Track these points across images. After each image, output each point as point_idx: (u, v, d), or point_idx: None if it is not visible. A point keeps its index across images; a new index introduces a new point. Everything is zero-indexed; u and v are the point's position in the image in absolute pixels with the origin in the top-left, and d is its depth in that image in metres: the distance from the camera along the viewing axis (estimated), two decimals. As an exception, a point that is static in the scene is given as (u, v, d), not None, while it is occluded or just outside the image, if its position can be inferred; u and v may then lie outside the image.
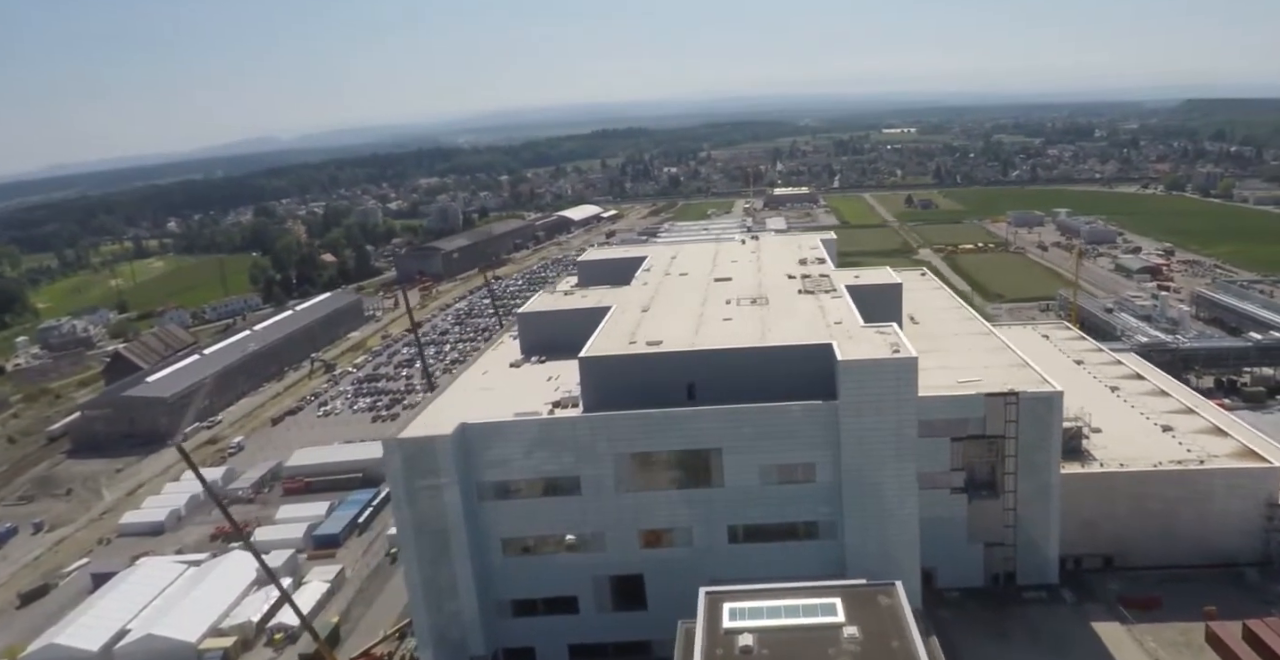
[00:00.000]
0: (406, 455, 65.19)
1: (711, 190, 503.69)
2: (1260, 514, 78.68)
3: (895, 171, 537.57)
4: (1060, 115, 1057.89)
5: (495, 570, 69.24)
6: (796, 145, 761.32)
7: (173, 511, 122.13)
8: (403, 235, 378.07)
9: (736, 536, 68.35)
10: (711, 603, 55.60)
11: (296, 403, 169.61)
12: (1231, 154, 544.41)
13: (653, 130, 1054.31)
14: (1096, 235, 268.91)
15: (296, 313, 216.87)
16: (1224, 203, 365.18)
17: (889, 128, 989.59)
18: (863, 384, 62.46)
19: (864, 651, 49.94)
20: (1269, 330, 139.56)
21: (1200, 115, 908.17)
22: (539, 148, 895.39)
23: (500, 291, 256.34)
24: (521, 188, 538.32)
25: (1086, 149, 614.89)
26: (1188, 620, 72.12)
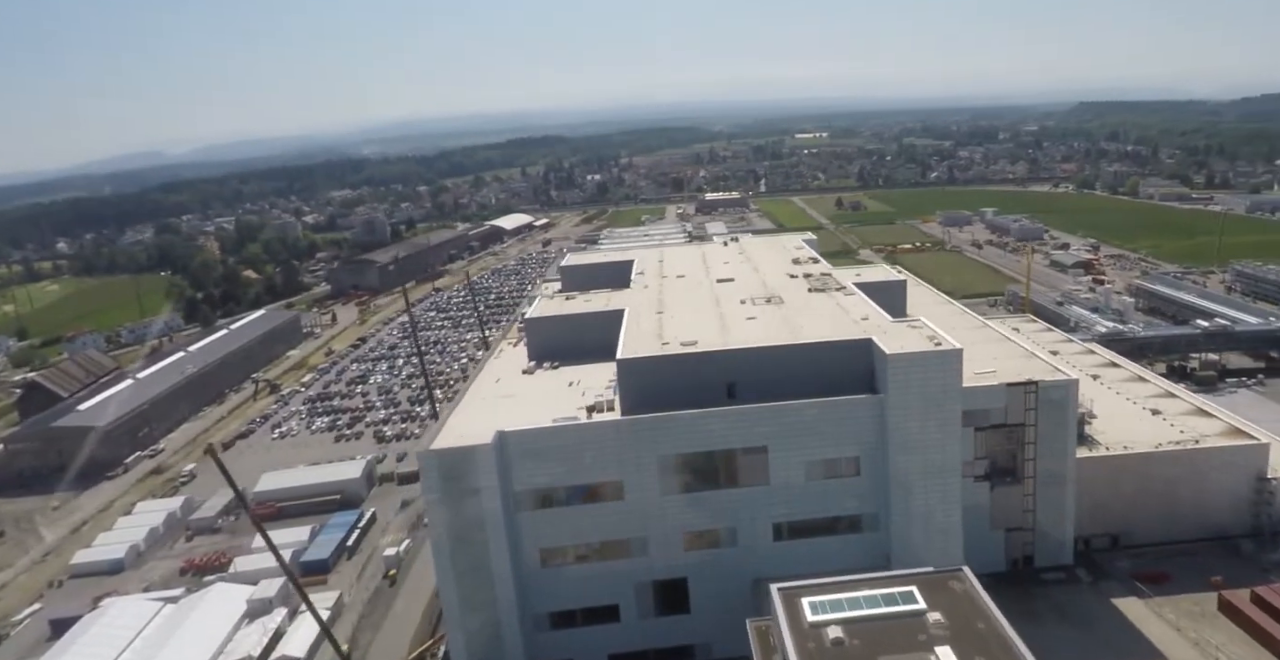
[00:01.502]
0: (443, 466, 63.62)
1: (640, 197, 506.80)
2: (1250, 488, 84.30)
3: (818, 175, 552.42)
4: (963, 119, 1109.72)
5: (532, 582, 68.13)
6: (715, 150, 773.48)
7: (132, 546, 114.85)
8: (326, 249, 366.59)
9: (781, 533, 69.14)
10: (787, 599, 55.79)
11: (246, 426, 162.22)
12: (1128, 153, 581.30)
13: (570, 138, 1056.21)
14: (1025, 233, 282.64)
15: (232, 332, 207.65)
16: (1131, 200, 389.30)
17: (802, 132, 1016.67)
18: (910, 376, 64.20)
19: (952, 636, 51.07)
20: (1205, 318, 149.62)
21: (1093, 117, 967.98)
22: (454, 157, 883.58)
23: (444, 303, 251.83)
24: (443, 198, 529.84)
25: (995, 151, 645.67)
26: (1197, 591, 76.98)
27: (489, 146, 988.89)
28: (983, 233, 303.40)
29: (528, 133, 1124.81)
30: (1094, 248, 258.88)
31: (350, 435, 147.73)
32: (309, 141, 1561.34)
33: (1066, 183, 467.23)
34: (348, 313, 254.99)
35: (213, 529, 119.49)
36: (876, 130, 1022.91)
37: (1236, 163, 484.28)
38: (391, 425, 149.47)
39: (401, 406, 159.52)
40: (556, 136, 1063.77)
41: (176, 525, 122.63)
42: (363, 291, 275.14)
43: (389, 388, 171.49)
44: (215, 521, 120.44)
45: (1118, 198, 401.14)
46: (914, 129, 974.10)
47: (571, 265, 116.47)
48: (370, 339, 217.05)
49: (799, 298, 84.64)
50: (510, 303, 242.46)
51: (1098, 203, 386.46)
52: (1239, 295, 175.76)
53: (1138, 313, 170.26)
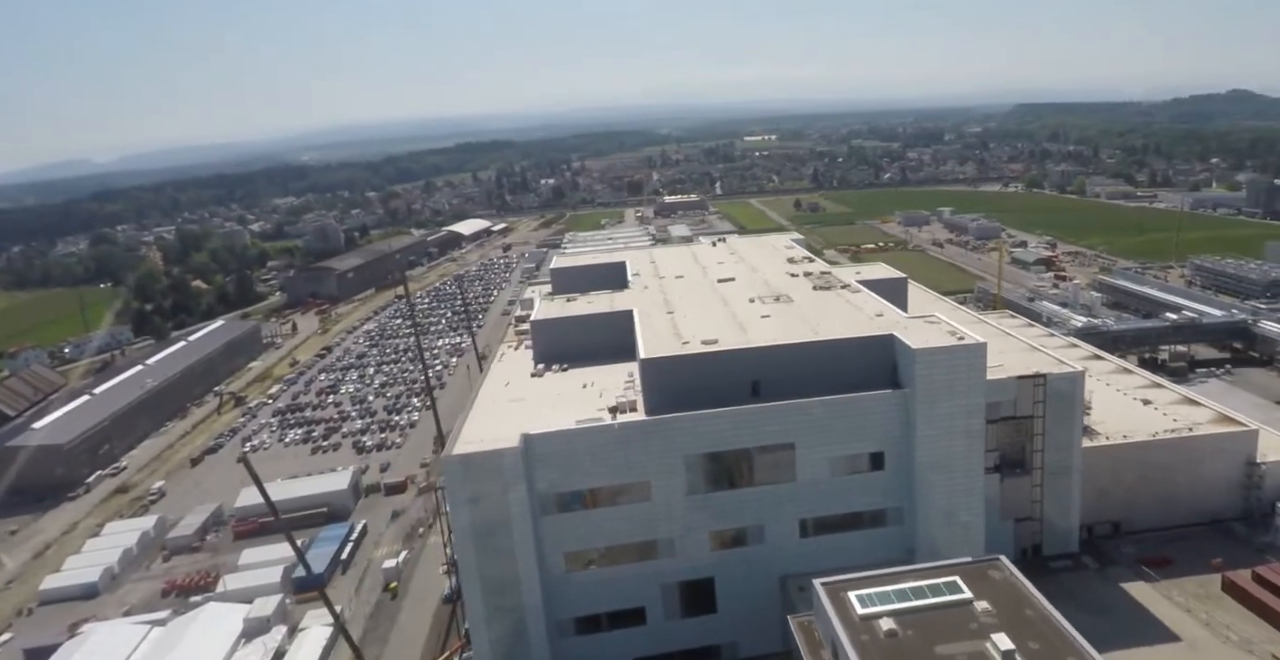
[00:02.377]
0: (469, 471, 62.76)
1: (597, 200, 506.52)
2: (1241, 473, 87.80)
3: (772, 177, 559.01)
4: (907, 120, 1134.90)
5: (557, 587, 67.54)
6: (666, 154, 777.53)
7: (106, 569, 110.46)
8: (278, 258, 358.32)
9: (807, 530, 69.77)
10: (832, 593, 56.41)
11: (213, 440, 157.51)
12: (1071, 153, 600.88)
13: (519, 142, 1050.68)
14: (983, 231, 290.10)
15: (190, 344, 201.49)
16: (1080, 198, 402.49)
17: (750, 135, 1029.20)
18: (935, 371, 65.40)
19: (1003, 623, 52.20)
20: (1170, 311, 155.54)
21: (1032, 118, 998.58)
22: (401, 162, 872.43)
23: (406, 310, 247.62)
24: (395, 204, 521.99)
25: (943, 152, 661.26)
26: (1199, 573, 79.91)
27: (436, 151, 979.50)
28: (942, 232, 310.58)
29: (474, 137, 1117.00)
30: (1051, 245, 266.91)
31: (327, 447, 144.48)
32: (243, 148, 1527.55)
33: (1016, 182, 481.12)
34: (308, 322, 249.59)
35: (192, 548, 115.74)
36: (824, 132, 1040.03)
37: (1174, 161, 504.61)
38: (370, 435, 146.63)
39: (378, 416, 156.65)
40: (505, 141, 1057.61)
41: (151, 545, 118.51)
42: (322, 300, 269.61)
43: (362, 397, 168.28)
44: (194, 540, 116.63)
45: (1066, 196, 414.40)
46: (861, 131, 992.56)
47: (562, 267, 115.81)
48: (336, 348, 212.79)
49: (806, 296, 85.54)
50: (478, 308, 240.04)
51: (1048, 202, 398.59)
52: (1199, 289, 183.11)
53: (1104, 308, 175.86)
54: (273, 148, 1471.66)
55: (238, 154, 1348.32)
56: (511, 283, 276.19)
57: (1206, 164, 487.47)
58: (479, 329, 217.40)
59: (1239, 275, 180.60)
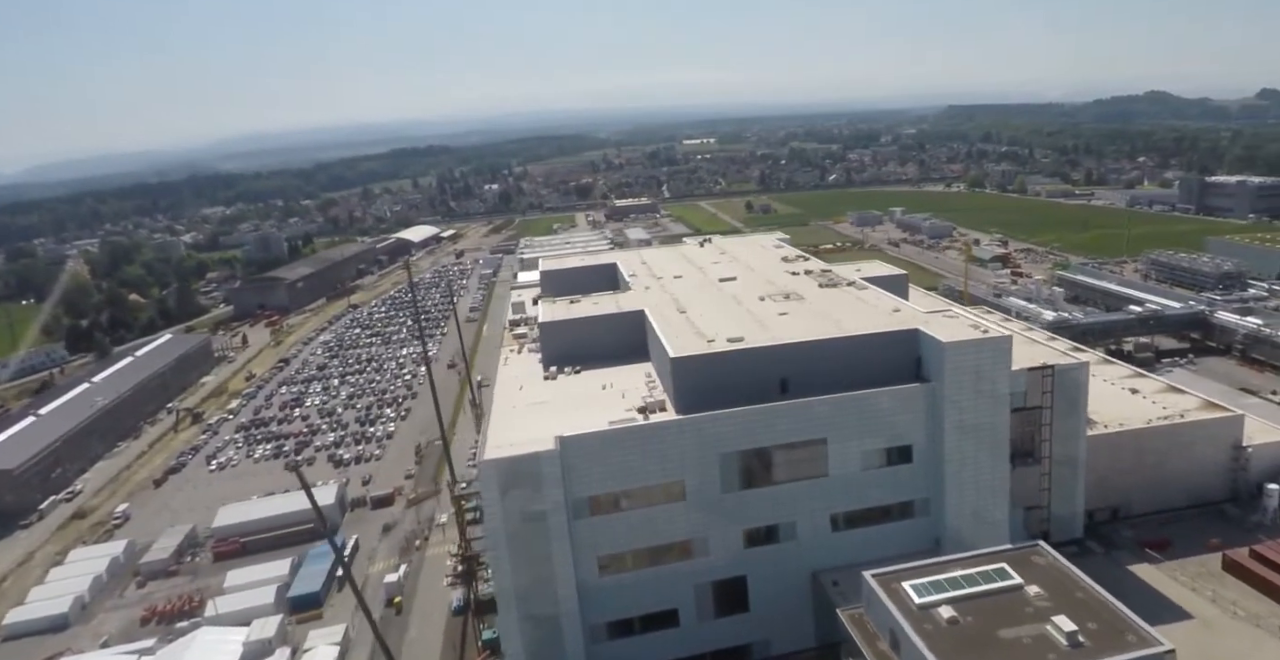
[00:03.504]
0: (504, 476, 62.11)
1: (545, 205, 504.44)
2: (1229, 457, 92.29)
3: (719, 180, 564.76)
4: (842, 123, 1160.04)
5: (592, 591, 67.16)
6: (608, 157, 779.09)
7: (76, 599, 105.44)
8: (217, 269, 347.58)
9: (838, 524, 70.81)
10: (884, 584, 57.46)
11: (175, 460, 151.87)
12: (1006, 154, 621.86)
13: (455, 148, 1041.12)
14: (936, 230, 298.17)
15: (138, 360, 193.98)
16: (1021, 197, 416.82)
17: (689, 139, 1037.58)
18: (963, 364, 67.17)
19: (1057, 606, 53.89)
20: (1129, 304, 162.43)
21: (963, 119, 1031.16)
22: (333, 170, 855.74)
23: (366, 319, 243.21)
24: (334, 212, 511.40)
25: (883, 153, 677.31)
26: (1198, 554, 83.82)
27: (370, 158, 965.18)
28: (895, 232, 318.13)
29: (406, 143, 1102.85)
30: (1003, 243, 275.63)
31: (301, 462, 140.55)
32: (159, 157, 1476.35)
33: (958, 182, 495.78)
34: (259, 334, 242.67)
35: (168, 572, 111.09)
36: (762, 135, 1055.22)
37: (1104, 160, 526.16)
38: (346, 448, 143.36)
39: (350, 428, 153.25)
40: (441, 147, 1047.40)
41: (123, 572, 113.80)
42: (271, 311, 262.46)
43: (330, 409, 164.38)
44: (170, 563, 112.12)
45: (1008, 195, 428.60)
46: (799, 133, 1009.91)
47: (552, 270, 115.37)
48: (293, 360, 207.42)
49: (816, 293, 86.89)
50: (439, 316, 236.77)
51: (991, 201, 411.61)
52: (1154, 282, 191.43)
53: (1064, 302, 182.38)
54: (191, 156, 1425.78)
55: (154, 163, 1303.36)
56: (470, 289, 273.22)
57: (1135, 162, 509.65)
58: (443, 336, 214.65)
59: (1192, 269, 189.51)
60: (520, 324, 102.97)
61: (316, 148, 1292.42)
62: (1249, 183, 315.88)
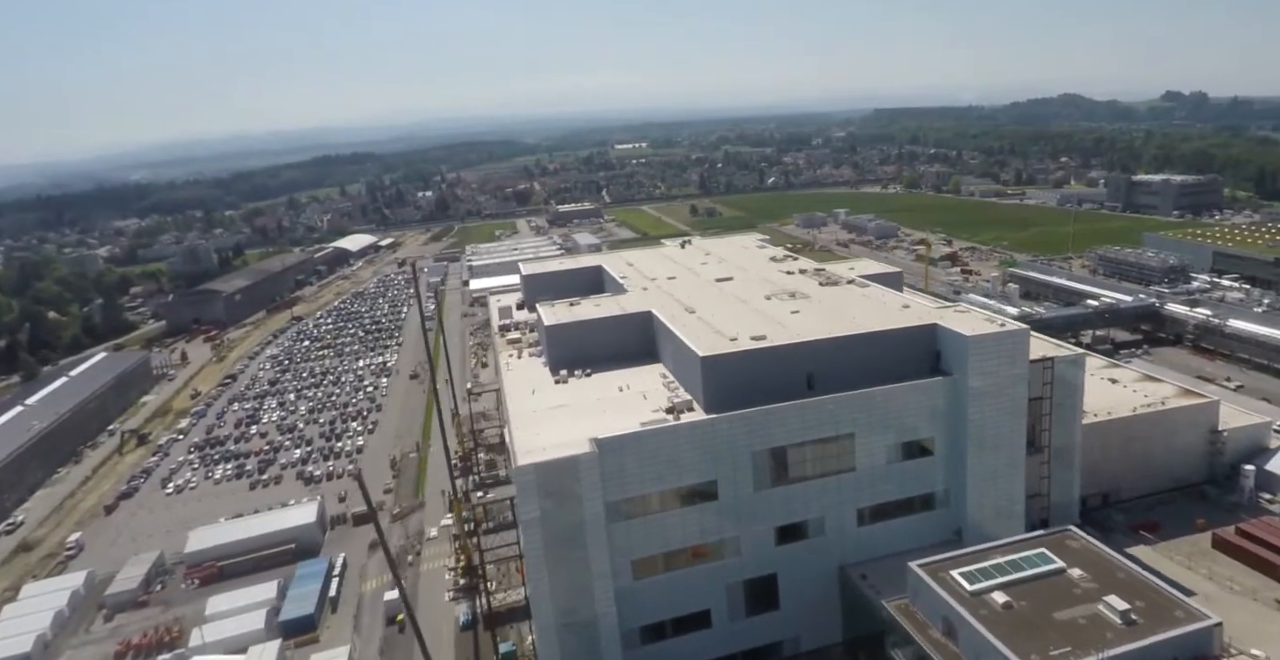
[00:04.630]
0: (542, 481, 61.65)
1: (484, 212, 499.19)
2: (1206, 440, 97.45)
3: (658, 184, 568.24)
4: (770, 126, 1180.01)
5: (627, 595, 67.07)
6: (541, 163, 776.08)
7: (38, 637, 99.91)
8: (142, 283, 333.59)
9: (864, 518, 72.32)
10: (933, 573, 59.03)
11: (125, 484, 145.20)
12: (935, 155, 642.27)
13: (380, 155, 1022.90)
14: (882, 231, 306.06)
15: (73, 380, 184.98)
16: (956, 198, 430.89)
17: (621, 143, 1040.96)
18: (985, 356, 69.48)
19: (1103, 587, 56.22)
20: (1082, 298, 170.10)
21: (888, 122, 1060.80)
22: (254, 178, 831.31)
23: (312, 331, 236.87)
24: (261, 222, 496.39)
25: (816, 156, 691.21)
26: (1187, 534, 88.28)
27: (291, 166, 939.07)
28: (841, 233, 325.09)
29: (326, 151, 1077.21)
30: (948, 242, 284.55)
31: (267, 481, 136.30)
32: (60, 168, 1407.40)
33: (894, 183, 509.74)
34: (198, 350, 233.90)
35: (137, 602, 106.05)
36: (693, 139, 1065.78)
37: (1029, 161, 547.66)
38: (314, 464, 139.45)
39: (315, 443, 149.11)
40: (365, 153, 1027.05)
41: (86, 604, 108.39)
42: (208, 325, 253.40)
43: (291, 425, 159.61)
44: (139, 593, 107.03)
45: (944, 196, 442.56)
46: (730, 137, 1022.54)
47: (534, 273, 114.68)
48: (240, 376, 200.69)
49: (820, 292, 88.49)
50: (390, 327, 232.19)
51: (928, 201, 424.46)
52: (1102, 277, 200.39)
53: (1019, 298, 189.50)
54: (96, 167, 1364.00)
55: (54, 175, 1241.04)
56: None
57: (1058, 162, 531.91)
58: (399, 347, 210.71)
59: (1139, 263, 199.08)
60: (510, 329, 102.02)
61: (230, 157, 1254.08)
62: (1172, 181, 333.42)
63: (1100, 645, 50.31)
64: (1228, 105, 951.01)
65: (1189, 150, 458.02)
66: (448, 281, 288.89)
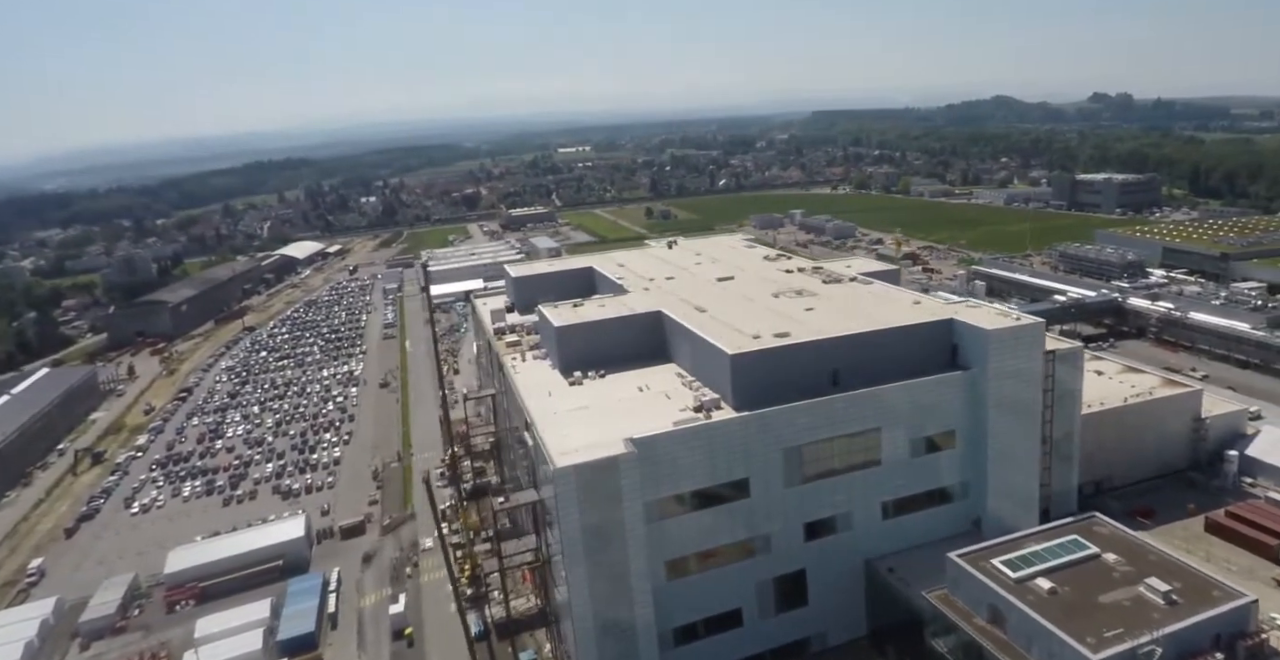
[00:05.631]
0: (582, 483, 61.40)
1: (433, 217, 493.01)
2: (1190, 428, 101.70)
3: (608, 188, 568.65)
4: (711, 129, 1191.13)
5: (662, 597, 67.12)
6: (486, 167, 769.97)
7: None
8: (75, 295, 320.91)
9: (888, 512, 73.70)
10: (973, 563, 60.42)
11: (85, 505, 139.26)
12: (879, 157, 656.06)
13: (316, 160, 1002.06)
14: (840, 231, 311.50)
15: (16, 398, 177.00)
16: (906, 198, 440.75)
17: (564, 147, 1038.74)
18: (1004, 349, 71.58)
19: (1140, 570, 58.28)
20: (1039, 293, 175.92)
21: (829, 125, 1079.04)
22: (184, 186, 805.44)
23: (267, 341, 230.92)
24: (197, 230, 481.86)
25: (763, 158, 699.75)
26: (1180, 518, 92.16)
27: (222, 172, 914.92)
28: (799, 234, 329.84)
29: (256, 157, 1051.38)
30: (906, 241, 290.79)
31: (241, 496, 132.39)
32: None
33: (843, 184, 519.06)
34: (146, 363, 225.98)
35: (115, 629, 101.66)
36: (637, 142, 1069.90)
37: (970, 161, 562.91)
38: (290, 478, 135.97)
39: (288, 457, 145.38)
40: (300, 159, 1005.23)
41: (55, 634, 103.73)
42: (153, 338, 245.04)
43: (259, 438, 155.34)
44: (116, 619, 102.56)
45: (894, 196, 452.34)
46: (674, 140, 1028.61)
47: (523, 276, 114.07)
48: (196, 389, 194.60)
49: (826, 290, 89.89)
50: (351, 336, 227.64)
51: (879, 202, 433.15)
52: (1063, 273, 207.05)
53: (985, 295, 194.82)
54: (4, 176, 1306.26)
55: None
56: (377, 306, 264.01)
57: (999, 163, 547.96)
58: (363, 355, 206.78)
59: (1100, 259, 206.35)
60: (507, 332, 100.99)
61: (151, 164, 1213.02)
62: (1114, 180, 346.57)
63: (1148, 625, 52.14)
64: (1151, 106, 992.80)
65: (1124, 150, 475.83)
66: (405, 288, 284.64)
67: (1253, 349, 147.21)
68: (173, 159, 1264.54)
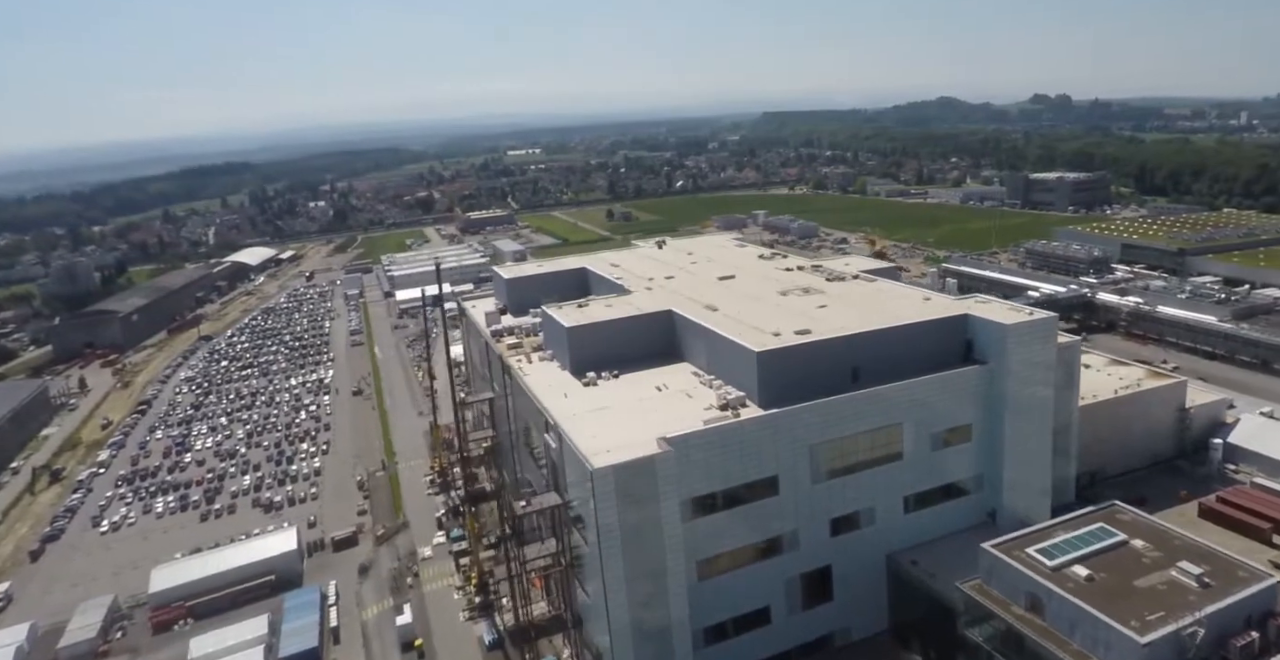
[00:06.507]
0: (621, 483, 61.37)
1: (387, 221, 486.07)
2: (1176, 418, 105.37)
3: (564, 190, 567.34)
4: (660, 131, 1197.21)
5: (694, 597, 67.32)
6: (435, 170, 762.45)
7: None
8: (11, 306, 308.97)
9: (909, 505, 75.08)
10: (1007, 552, 61.84)
11: (48, 526, 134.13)
12: (833, 157, 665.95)
13: (258, 165, 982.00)
14: (805, 231, 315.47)
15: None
16: (863, 198, 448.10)
17: (513, 149, 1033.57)
18: (1020, 343, 73.54)
19: (1168, 555, 60.27)
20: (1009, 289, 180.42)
21: (779, 126, 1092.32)
22: (119, 192, 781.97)
23: (227, 351, 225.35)
24: (138, 237, 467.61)
25: (717, 159, 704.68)
26: (1173, 505, 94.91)
27: (158, 178, 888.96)
28: (764, 234, 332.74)
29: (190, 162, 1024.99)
30: (870, 241, 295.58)
31: (219, 511, 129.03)
32: None
33: (800, 185, 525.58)
34: (98, 376, 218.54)
35: (97, 654, 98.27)
36: (588, 144, 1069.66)
37: (922, 161, 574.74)
38: (270, 490, 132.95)
39: (264, 469, 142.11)
40: (241, 163, 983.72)
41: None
42: (103, 349, 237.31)
43: (231, 450, 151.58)
44: (98, 643, 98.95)
45: (851, 196, 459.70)
46: (624, 142, 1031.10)
47: (517, 277, 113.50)
48: (155, 401, 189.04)
49: (829, 287, 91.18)
50: (316, 343, 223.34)
51: (838, 202, 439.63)
52: (1030, 269, 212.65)
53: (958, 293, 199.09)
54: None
55: None
56: (340, 312, 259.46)
57: (950, 163, 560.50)
58: (331, 362, 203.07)
59: (1067, 256, 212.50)
60: (505, 334, 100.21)
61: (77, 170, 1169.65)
62: (1066, 179, 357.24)
63: (1186, 608, 53.99)
64: (1089, 107, 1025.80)
65: (1070, 150, 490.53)
66: (366, 293, 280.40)
67: (1219, 340, 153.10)
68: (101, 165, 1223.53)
